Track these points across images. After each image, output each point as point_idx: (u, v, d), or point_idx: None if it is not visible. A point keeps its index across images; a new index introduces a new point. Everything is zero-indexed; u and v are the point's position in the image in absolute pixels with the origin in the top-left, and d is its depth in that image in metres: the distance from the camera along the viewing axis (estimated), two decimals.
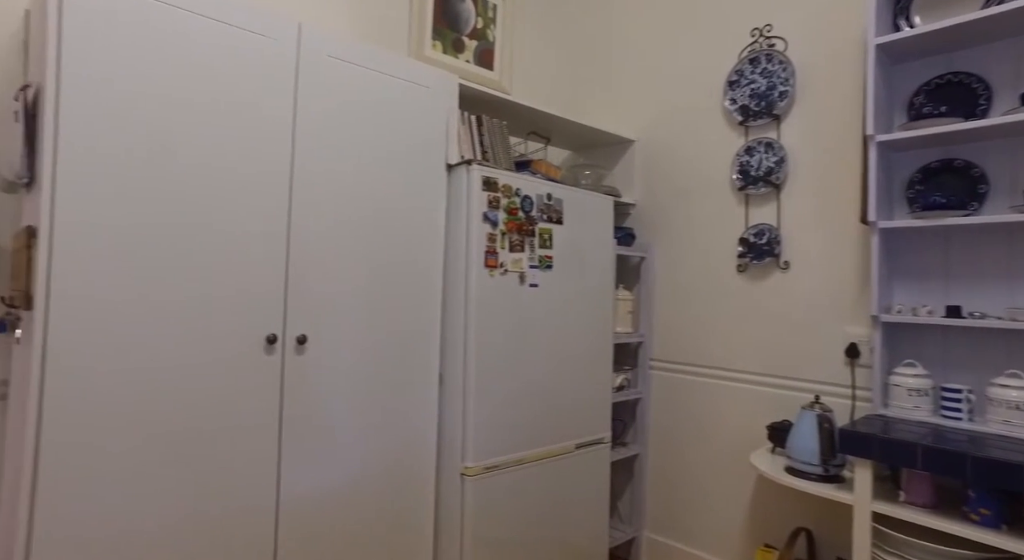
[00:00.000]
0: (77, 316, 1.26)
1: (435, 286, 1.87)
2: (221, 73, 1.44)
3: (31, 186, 1.36)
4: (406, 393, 1.80)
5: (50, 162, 1.23)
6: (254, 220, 1.49)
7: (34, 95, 1.34)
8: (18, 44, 1.60)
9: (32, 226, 1.27)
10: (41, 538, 1.21)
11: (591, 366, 2.23)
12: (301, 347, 1.58)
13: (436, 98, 1.87)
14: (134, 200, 1.33)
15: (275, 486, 1.53)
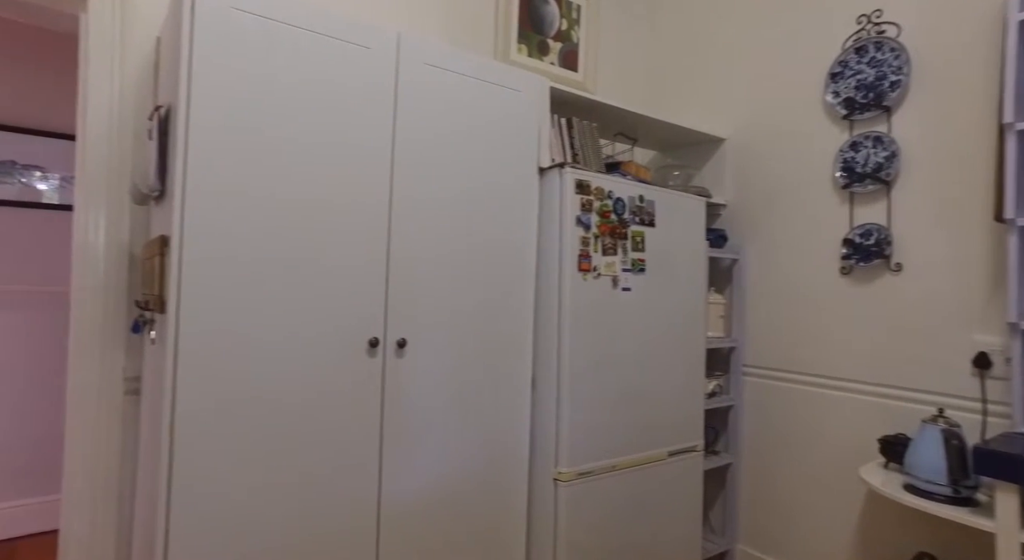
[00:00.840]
0: (204, 319, 1.34)
1: (528, 290, 1.87)
2: (328, 86, 1.50)
3: (162, 198, 1.47)
4: (499, 397, 1.81)
5: (180, 176, 1.31)
6: (358, 226, 1.54)
7: (165, 114, 1.45)
8: (150, 68, 1.73)
9: (165, 235, 1.36)
10: (178, 519, 1.30)
11: (683, 371, 2.16)
12: (401, 350, 1.62)
13: (528, 102, 1.87)
14: (254, 209, 1.40)
15: (377, 485, 1.58)
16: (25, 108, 2.69)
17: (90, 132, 1.66)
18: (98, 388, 1.68)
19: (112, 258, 1.69)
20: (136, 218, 1.72)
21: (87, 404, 1.66)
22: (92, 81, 1.66)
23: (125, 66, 1.70)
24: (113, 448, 1.69)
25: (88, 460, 1.66)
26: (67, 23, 1.85)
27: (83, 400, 1.66)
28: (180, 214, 1.32)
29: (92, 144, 1.66)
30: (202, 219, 1.34)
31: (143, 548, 1.53)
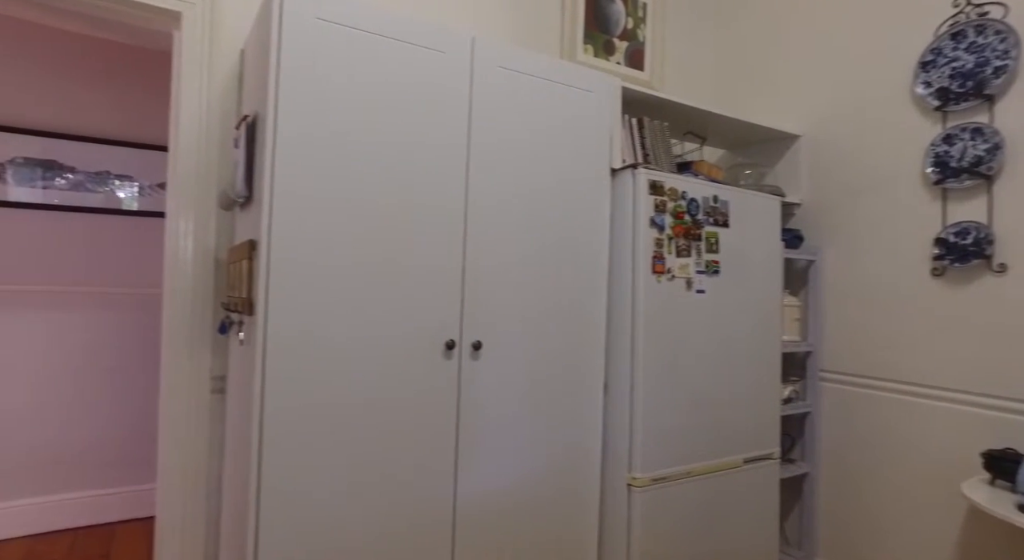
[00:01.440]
0: (290, 321, 1.38)
1: (600, 292, 1.84)
2: (405, 91, 1.52)
3: (249, 203, 1.52)
4: (571, 400, 1.79)
5: (268, 181, 1.36)
6: (436, 229, 1.56)
7: (252, 123, 1.50)
8: (235, 80, 1.81)
9: (253, 239, 1.41)
10: (267, 513, 1.35)
11: (758, 376, 2.09)
12: (476, 353, 1.62)
13: (599, 102, 1.85)
14: (336, 213, 1.43)
15: (452, 487, 1.59)
16: (118, 121, 2.87)
17: (181, 142, 1.75)
18: (187, 386, 1.76)
19: (199, 262, 1.77)
20: (221, 223, 1.80)
21: (178, 401, 1.75)
22: (183, 94, 1.75)
23: (212, 79, 1.78)
24: (201, 443, 1.77)
25: (180, 454, 1.74)
26: (161, 40, 1.96)
27: (174, 397, 1.74)
28: (268, 218, 1.36)
29: (183, 153, 1.75)
30: (288, 223, 1.38)
31: (231, 537, 1.59)
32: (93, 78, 2.82)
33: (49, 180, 2.75)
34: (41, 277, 2.74)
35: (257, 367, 1.35)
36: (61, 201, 2.77)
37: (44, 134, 2.73)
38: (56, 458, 2.77)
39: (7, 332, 2.68)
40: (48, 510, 2.75)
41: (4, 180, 2.67)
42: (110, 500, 2.85)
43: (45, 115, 2.74)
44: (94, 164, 2.83)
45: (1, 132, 2.65)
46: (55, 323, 2.76)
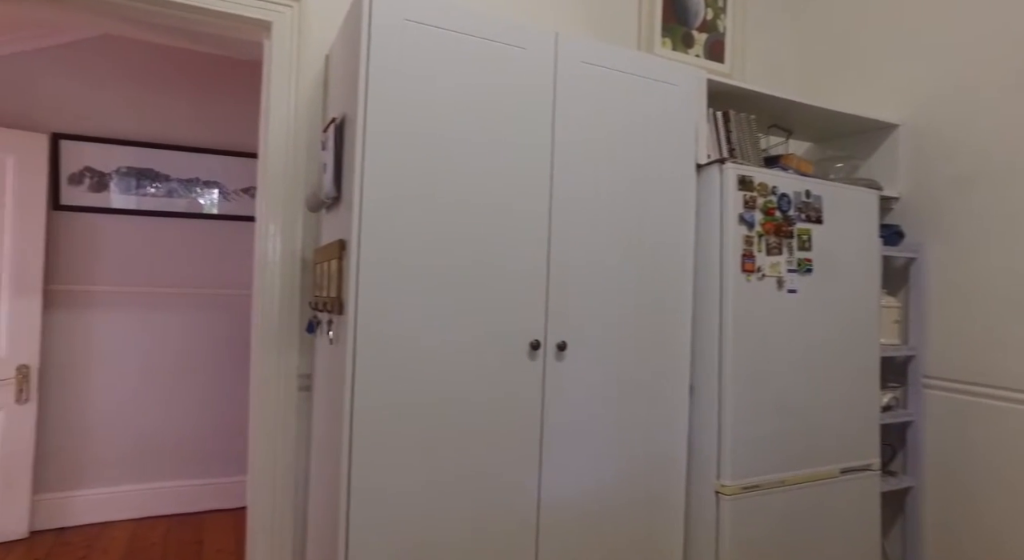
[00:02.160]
0: (380, 321, 1.39)
1: (685, 292, 1.78)
2: (490, 89, 1.51)
3: (337, 204, 1.55)
4: (655, 402, 1.73)
5: (358, 182, 1.38)
6: (520, 227, 1.54)
7: (340, 125, 1.53)
8: (320, 85, 1.86)
9: (343, 239, 1.44)
10: (357, 509, 1.36)
11: (855, 381, 1.96)
12: (560, 354, 1.59)
13: (684, 96, 1.78)
14: (423, 213, 1.44)
15: (536, 488, 1.56)
16: (205, 131, 3.02)
17: (270, 146, 1.81)
18: (276, 384, 1.81)
19: (287, 263, 1.82)
20: (308, 225, 1.84)
21: (267, 398, 1.80)
22: (273, 100, 1.81)
23: (299, 85, 1.83)
24: (289, 439, 1.82)
25: (269, 450, 1.80)
26: (250, 50, 2.04)
27: (264, 394, 1.80)
28: (357, 218, 1.38)
29: (272, 157, 1.81)
30: (376, 223, 1.39)
31: (319, 531, 1.62)
32: (183, 91, 2.98)
33: (147, 187, 2.92)
34: (140, 279, 2.91)
35: (347, 366, 1.37)
36: (157, 207, 2.94)
37: (142, 144, 2.91)
38: (154, 449, 2.93)
39: (111, 330, 2.86)
40: (148, 497, 2.92)
41: (109, 188, 2.86)
42: (201, 490, 3.00)
43: (143, 127, 2.91)
44: (185, 171, 2.99)
45: (107, 144, 2.84)
46: (151, 322, 2.93)
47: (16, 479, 2.63)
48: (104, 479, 2.84)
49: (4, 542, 2.62)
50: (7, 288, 2.57)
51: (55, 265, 2.75)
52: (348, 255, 1.40)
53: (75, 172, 2.80)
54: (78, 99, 2.81)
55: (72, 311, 2.79)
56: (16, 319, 2.60)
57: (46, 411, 2.74)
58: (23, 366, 2.62)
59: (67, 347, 2.78)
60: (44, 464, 2.74)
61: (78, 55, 2.80)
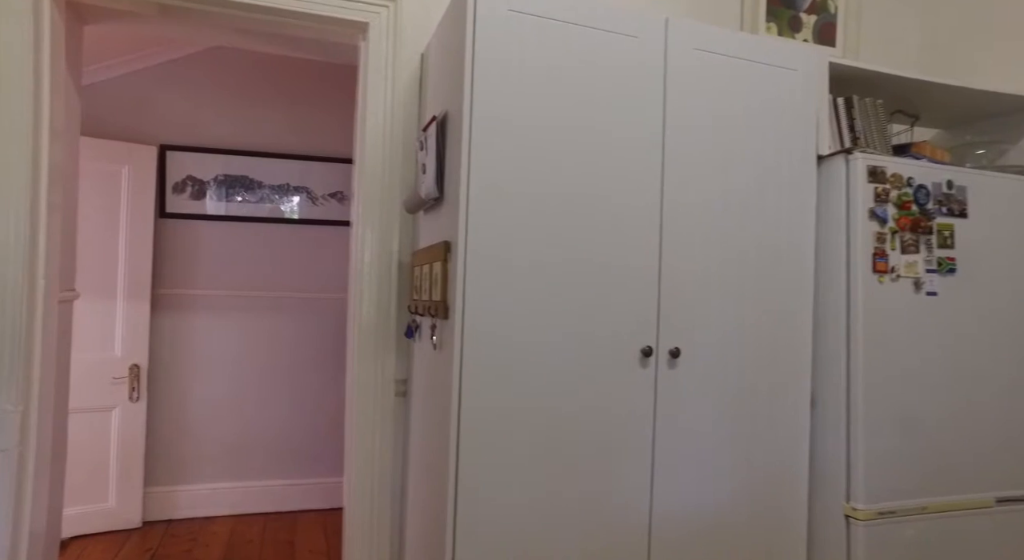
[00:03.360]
0: (486, 325, 1.34)
1: (806, 294, 1.62)
2: (598, 80, 1.43)
3: (440, 204, 1.51)
4: (772, 414, 1.59)
5: (464, 179, 1.33)
6: (630, 225, 1.45)
7: (442, 122, 1.49)
8: (415, 85, 1.84)
9: (447, 240, 1.39)
10: (463, 521, 1.31)
11: (1012, 396, 1.73)
12: (673, 361, 1.49)
13: (804, 81, 1.63)
14: (530, 210, 1.37)
15: (648, 504, 1.46)
16: (294, 137, 3.09)
17: (367, 148, 1.80)
18: (373, 389, 1.80)
19: (383, 266, 1.80)
20: (404, 227, 1.82)
21: (365, 403, 1.79)
22: (369, 101, 1.80)
23: (396, 85, 1.81)
24: (387, 445, 1.80)
25: (366, 455, 1.79)
26: (346, 53, 2.05)
27: (361, 399, 1.79)
28: (464, 218, 1.33)
29: (368, 159, 1.80)
30: (483, 222, 1.34)
31: (419, 539, 1.59)
32: (274, 100, 3.07)
33: (241, 194, 3.02)
34: (235, 283, 3.01)
35: (454, 372, 1.32)
36: (250, 213, 3.04)
37: (237, 152, 3.01)
38: (248, 448, 3.03)
39: (209, 333, 2.98)
40: (244, 495, 3.01)
41: (207, 196, 2.98)
42: (291, 490, 3.07)
43: (238, 136, 3.02)
44: (276, 177, 3.07)
45: (207, 153, 2.96)
46: (246, 325, 3.02)
47: (131, 472, 2.77)
48: (204, 475, 2.96)
49: (122, 530, 2.77)
50: (122, 292, 2.72)
51: (160, 270, 2.89)
52: (453, 257, 1.36)
53: (178, 181, 2.94)
54: (182, 111, 2.95)
55: (174, 314, 2.92)
56: (129, 321, 2.74)
57: (153, 409, 2.88)
58: (134, 366, 2.76)
59: (170, 349, 2.92)
60: (153, 459, 2.88)
61: (183, 71, 2.94)
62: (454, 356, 1.32)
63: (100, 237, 2.68)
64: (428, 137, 1.55)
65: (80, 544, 2.65)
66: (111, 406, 2.73)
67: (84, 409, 2.64)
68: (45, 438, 1.66)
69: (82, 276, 2.61)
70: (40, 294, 1.54)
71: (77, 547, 2.63)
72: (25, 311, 1.50)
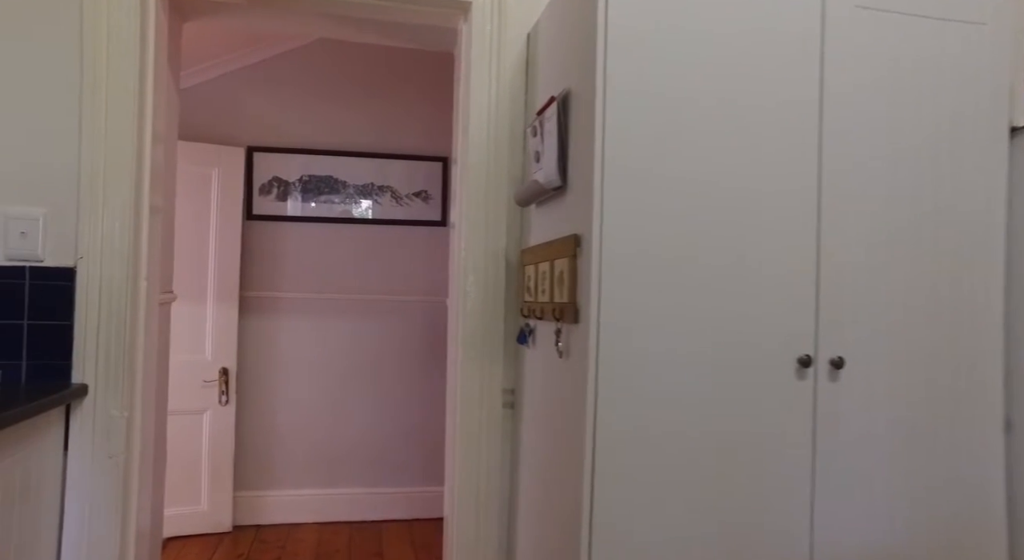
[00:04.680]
0: (621, 330, 1.17)
1: (994, 296, 1.36)
2: (746, 48, 1.23)
3: (562, 193, 1.35)
4: (956, 441, 1.33)
5: (599, 163, 1.16)
6: (783, 213, 1.25)
7: (563, 102, 1.33)
8: (521, 68, 1.69)
9: (577, 234, 1.23)
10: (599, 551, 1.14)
11: None
12: (836, 372, 1.26)
13: (993, 38, 1.37)
14: (667, 197, 1.19)
15: (808, 539, 1.24)
16: (378, 136, 3.02)
17: (471, 139, 1.66)
18: (479, 399, 1.65)
19: (490, 266, 1.66)
20: (511, 223, 1.67)
21: (470, 414, 1.65)
22: (473, 88, 1.66)
23: (500, 69, 1.67)
24: (494, 460, 1.66)
25: (471, 469, 1.65)
26: (443, 39, 1.92)
27: (465, 410, 1.65)
28: (599, 207, 1.16)
29: (473, 151, 1.66)
30: (618, 212, 1.17)
31: None
32: (358, 99, 3.01)
33: (326, 195, 2.97)
34: (320, 285, 2.96)
35: (588, 385, 1.15)
36: (335, 214, 2.98)
37: (322, 152, 2.96)
38: (333, 455, 2.97)
39: (295, 336, 2.94)
40: (330, 502, 2.95)
41: (292, 197, 2.94)
42: (377, 499, 2.99)
43: (322, 136, 2.97)
44: (360, 177, 3.01)
45: (292, 154, 2.93)
46: (331, 328, 2.97)
47: (221, 476, 2.76)
48: (291, 481, 2.92)
49: (214, 533, 2.76)
50: (212, 295, 2.71)
51: (246, 272, 2.87)
52: (586, 252, 1.19)
53: (264, 182, 2.91)
54: (269, 112, 2.93)
55: (260, 317, 2.89)
56: (219, 324, 2.73)
57: (241, 413, 2.86)
58: (224, 369, 2.75)
59: (256, 352, 2.89)
60: (241, 463, 2.86)
61: (270, 72, 2.92)
62: (587, 367, 1.16)
63: (191, 240, 2.67)
64: (545, 120, 1.39)
65: (177, 545, 2.65)
66: (203, 409, 2.72)
67: (178, 411, 2.64)
68: (149, 442, 1.60)
69: (175, 279, 2.61)
70: (142, 296, 1.48)
71: (175, 548, 2.63)
72: (129, 313, 1.44)
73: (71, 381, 1.40)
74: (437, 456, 3.02)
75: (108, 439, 1.42)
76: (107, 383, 1.42)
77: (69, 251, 1.41)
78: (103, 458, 1.42)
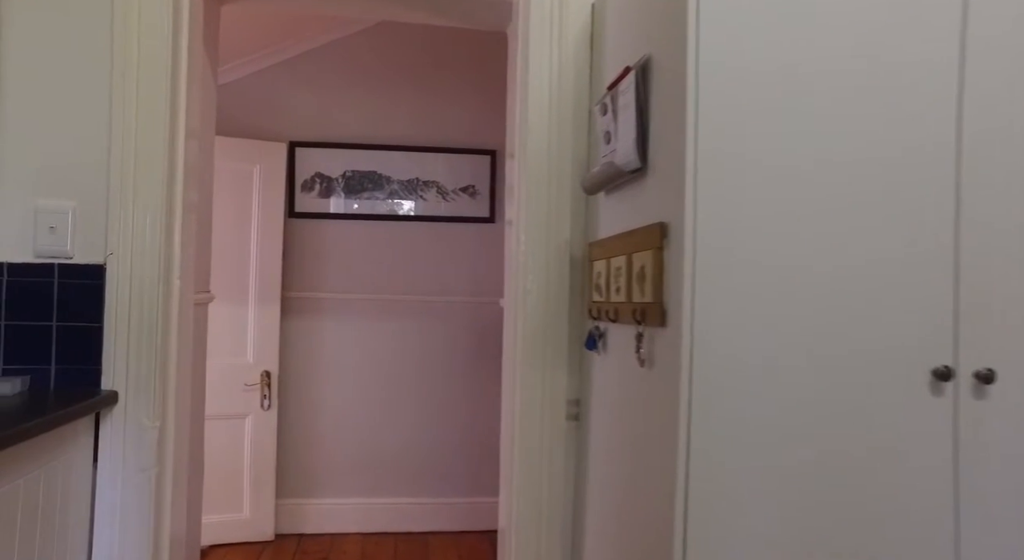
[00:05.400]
0: (721, 335, 0.98)
1: None
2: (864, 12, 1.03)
3: (639, 178, 1.17)
4: None
5: (691, 140, 0.98)
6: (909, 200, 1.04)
7: (641, 73, 1.15)
8: (585, 42, 1.51)
9: (663, 223, 1.05)
10: None
11: None
12: (983, 387, 1.04)
13: None
14: (765, 177, 1.00)
15: None
16: (423, 129, 2.89)
17: (531, 123, 1.49)
18: (540, 410, 1.49)
19: (552, 262, 1.49)
20: (575, 213, 1.50)
21: (529, 426, 1.48)
22: (532, 67, 1.50)
23: (563, 45, 1.50)
24: (555, 477, 1.49)
25: (531, 487, 1.48)
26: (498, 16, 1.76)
27: (524, 421, 1.48)
28: (691, 191, 0.98)
29: (533, 135, 1.49)
30: (711, 197, 0.98)
31: None
32: (403, 92, 2.88)
33: (369, 190, 2.85)
34: (363, 285, 2.85)
35: (681, 399, 0.97)
36: (379, 210, 2.86)
37: (365, 147, 2.85)
38: (378, 462, 2.84)
39: (338, 339, 2.83)
40: (374, 512, 2.83)
41: (335, 193, 2.84)
42: (423, 510, 2.85)
43: (366, 129, 2.86)
44: (405, 172, 2.88)
45: (335, 149, 2.82)
46: (375, 331, 2.85)
47: (263, 482, 2.66)
48: (334, 489, 2.81)
49: (255, 542, 2.67)
50: (253, 295, 2.62)
51: (288, 272, 2.77)
52: (675, 243, 1.01)
53: (307, 179, 2.82)
54: (311, 106, 2.83)
55: (302, 318, 2.79)
56: (260, 326, 2.64)
57: (284, 417, 2.76)
58: (265, 372, 2.65)
59: (298, 355, 2.79)
60: (284, 469, 2.76)
61: (311, 65, 2.83)
62: (679, 378, 0.97)
63: (232, 239, 2.59)
64: (619, 94, 1.21)
65: (219, 553, 2.57)
66: (244, 414, 2.63)
67: (219, 416, 2.55)
68: (183, 453, 1.49)
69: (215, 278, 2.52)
70: (175, 296, 1.37)
71: (216, 556, 2.55)
72: (161, 314, 1.33)
73: (101, 388, 1.30)
74: (485, 465, 2.86)
75: (139, 451, 1.31)
76: (138, 390, 1.31)
77: (98, 248, 1.31)
78: (134, 472, 1.31)
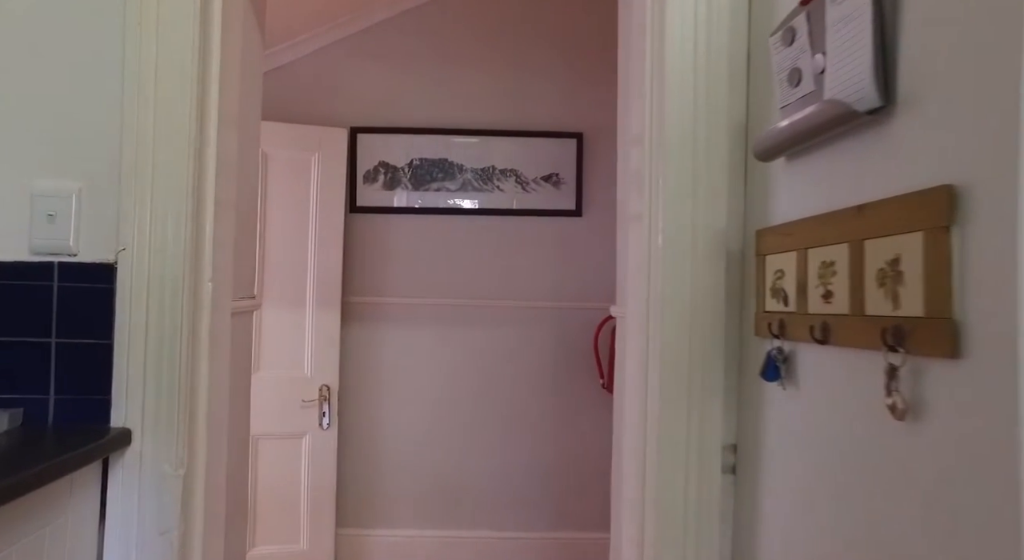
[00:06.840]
0: None
1: None
2: None
3: (885, 117, 0.76)
4: None
5: None
6: None
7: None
8: None
9: (951, 186, 0.63)
10: None
11: None
12: None
13: None
14: None
15: None
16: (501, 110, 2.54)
17: (668, 68, 1.10)
18: (684, 455, 1.08)
19: (702, 257, 1.09)
20: (732, 195, 1.10)
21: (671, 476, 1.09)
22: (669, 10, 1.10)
23: None
24: (705, 547, 1.08)
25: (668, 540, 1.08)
26: None
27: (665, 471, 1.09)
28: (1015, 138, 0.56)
29: (673, 84, 1.10)
30: None
31: None
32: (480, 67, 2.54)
33: (439, 182, 2.52)
34: (435, 289, 2.51)
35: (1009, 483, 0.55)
36: (452, 203, 2.53)
37: (436, 131, 2.52)
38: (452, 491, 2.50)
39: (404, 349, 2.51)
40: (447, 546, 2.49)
41: (402, 185, 2.52)
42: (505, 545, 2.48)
43: (436, 113, 2.53)
44: (479, 159, 2.53)
45: (402, 134, 2.51)
46: (448, 341, 2.51)
47: (322, 510, 2.37)
48: (402, 520, 2.48)
49: None
50: (312, 301, 2.33)
51: (349, 274, 2.47)
52: (985, 219, 0.60)
53: (369, 169, 2.51)
54: (374, 88, 2.53)
55: (365, 326, 2.48)
56: (319, 335, 2.35)
57: (344, 438, 2.46)
58: (324, 387, 2.36)
59: (360, 367, 2.49)
60: (345, 496, 2.46)
61: (374, 42, 2.53)
62: (998, 448, 0.56)
63: (288, 236, 2.31)
64: (831, 4, 0.81)
65: None
66: (301, 433, 2.35)
67: (273, 435, 2.27)
68: (216, 506, 1.17)
69: (266, 282, 2.24)
70: (206, 302, 1.05)
71: None
72: (187, 326, 1.01)
73: (110, 424, 0.99)
74: (576, 495, 2.47)
75: (158, 507, 0.99)
76: (157, 427, 0.99)
77: (108, 242, 1.00)
78: (152, 534, 0.99)
